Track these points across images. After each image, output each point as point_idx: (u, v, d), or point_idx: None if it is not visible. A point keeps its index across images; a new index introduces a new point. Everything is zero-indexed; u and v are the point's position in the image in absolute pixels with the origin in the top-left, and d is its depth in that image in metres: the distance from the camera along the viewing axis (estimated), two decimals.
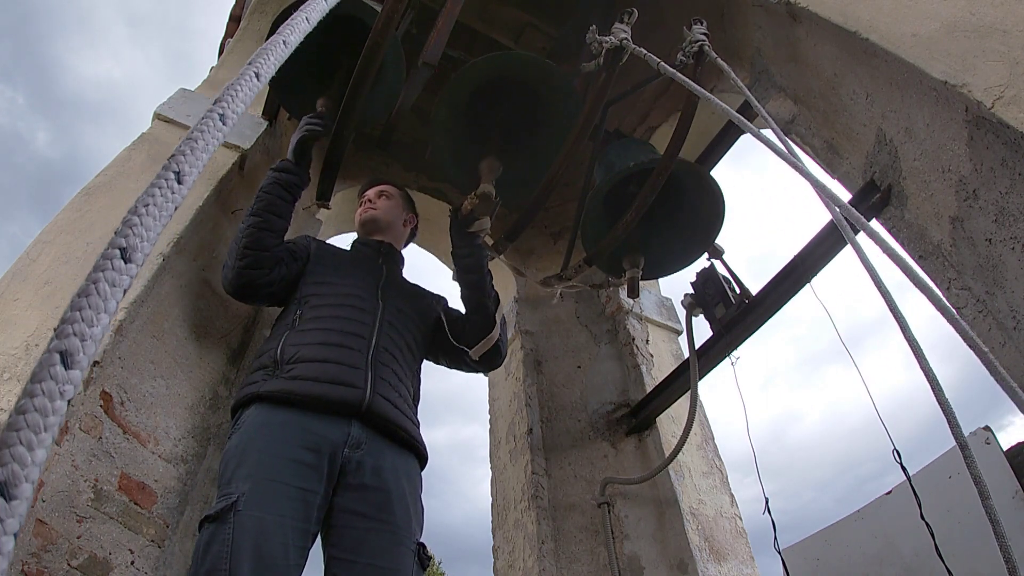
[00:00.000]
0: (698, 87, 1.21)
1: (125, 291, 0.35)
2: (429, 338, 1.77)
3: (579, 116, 1.84)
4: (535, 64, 1.98)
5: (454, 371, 1.87)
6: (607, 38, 1.57)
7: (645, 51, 1.39)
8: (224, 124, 0.47)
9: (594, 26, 1.66)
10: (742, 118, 1.07)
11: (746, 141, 2.55)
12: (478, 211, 1.75)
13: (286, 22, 0.59)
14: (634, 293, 2.05)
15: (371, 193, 1.98)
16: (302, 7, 0.63)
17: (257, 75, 0.51)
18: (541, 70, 1.97)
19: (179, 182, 0.41)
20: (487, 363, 1.79)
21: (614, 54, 1.59)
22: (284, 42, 0.55)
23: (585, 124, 1.82)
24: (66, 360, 0.31)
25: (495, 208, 1.78)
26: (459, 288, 1.80)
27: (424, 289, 1.89)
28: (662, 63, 1.29)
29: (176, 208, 0.41)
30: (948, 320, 0.76)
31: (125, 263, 0.36)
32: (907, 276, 0.76)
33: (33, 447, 0.28)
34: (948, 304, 0.78)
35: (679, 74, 1.23)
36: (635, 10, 1.63)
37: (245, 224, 1.58)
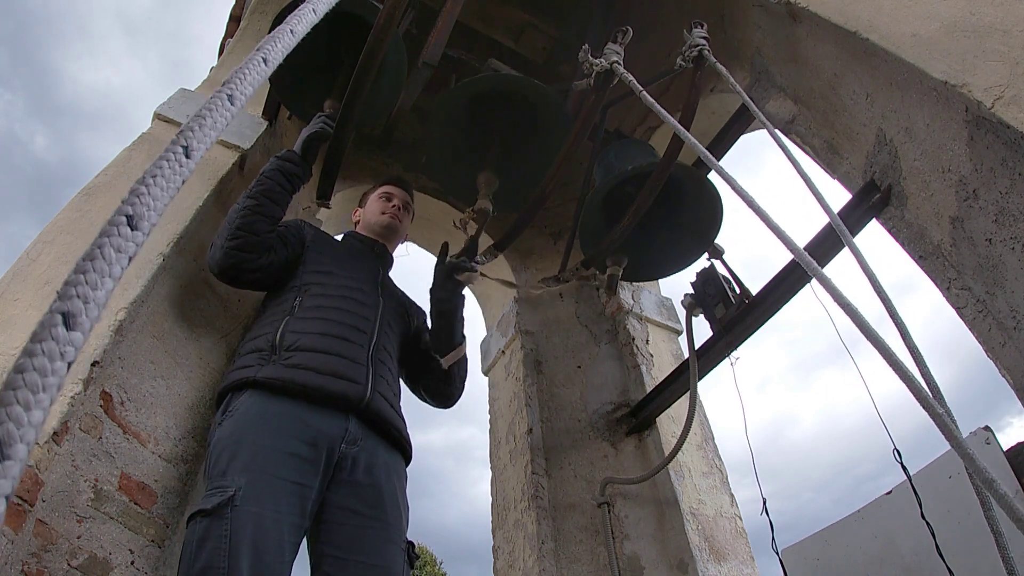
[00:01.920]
0: (666, 114, 1.22)
1: (131, 258, 0.35)
2: (407, 346, 1.76)
3: (569, 134, 1.87)
4: (525, 84, 2.00)
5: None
6: (598, 60, 1.58)
7: (632, 77, 1.41)
8: (232, 104, 0.46)
9: (586, 46, 1.67)
10: (709, 155, 1.07)
11: (742, 143, 2.55)
12: (472, 231, 1.81)
13: (294, 12, 0.59)
14: (612, 291, 2.06)
15: (400, 199, 1.93)
16: None
17: (265, 60, 0.51)
18: (532, 90, 1.99)
19: (187, 156, 0.41)
20: (437, 393, 1.79)
21: (604, 77, 1.60)
22: (292, 31, 0.56)
23: (585, 124, 1.82)
24: (68, 321, 0.30)
25: (484, 222, 1.82)
26: (430, 320, 1.80)
27: (408, 297, 1.89)
28: (643, 92, 1.31)
29: (183, 181, 0.41)
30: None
31: (131, 230, 0.35)
32: (861, 329, 0.76)
33: (31, 407, 0.27)
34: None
35: (656, 104, 1.25)
36: (629, 29, 1.63)
37: (240, 205, 1.55)
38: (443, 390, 1.79)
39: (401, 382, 1.68)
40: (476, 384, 1.96)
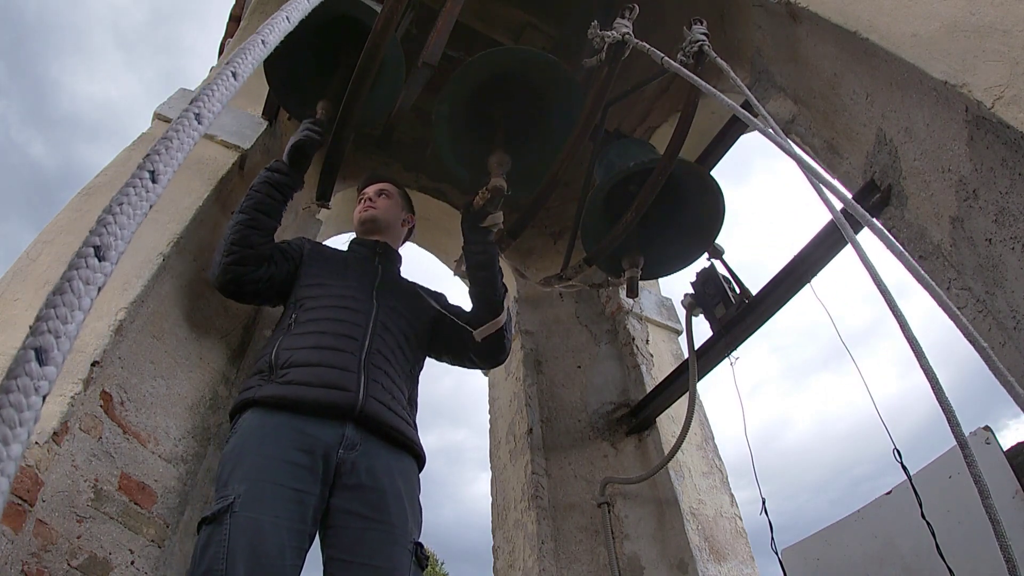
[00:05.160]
0: (700, 80, 1.20)
1: (100, 289, 0.36)
2: (427, 336, 1.76)
3: (581, 111, 1.84)
4: (538, 59, 1.98)
5: (442, 377, 1.87)
6: (609, 33, 1.57)
7: (648, 45, 1.39)
8: (200, 123, 0.46)
9: (596, 21, 1.65)
10: (746, 113, 1.07)
11: (737, 147, 2.54)
12: (489, 206, 1.75)
13: (266, 21, 0.58)
14: (633, 293, 2.05)
15: (371, 191, 1.96)
16: (283, 6, 0.62)
17: (234, 74, 0.51)
18: (544, 65, 1.96)
19: (154, 181, 0.41)
20: (489, 355, 1.78)
21: (616, 49, 1.58)
22: (263, 41, 0.55)
23: (586, 123, 1.82)
24: (41, 357, 0.31)
25: (500, 201, 1.78)
26: (468, 284, 1.80)
27: (421, 287, 1.87)
28: (665, 57, 1.29)
29: (151, 207, 0.41)
30: (950, 317, 0.76)
31: (99, 261, 0.36)
32: (911, 273, 0.76)
33: (8, 442, 0.28)
34: (949, 302, 0.77)
35: (682, 68, 1.23)
36: (636, 6, 1.63)
37: (233, 221, 1.59)
38: (498, 347, 1.76)
39: (416, 382, 1.68)
40: (472, 386, 1.95)
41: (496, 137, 1.93)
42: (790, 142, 1.15)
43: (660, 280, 3.11)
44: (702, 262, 2.23)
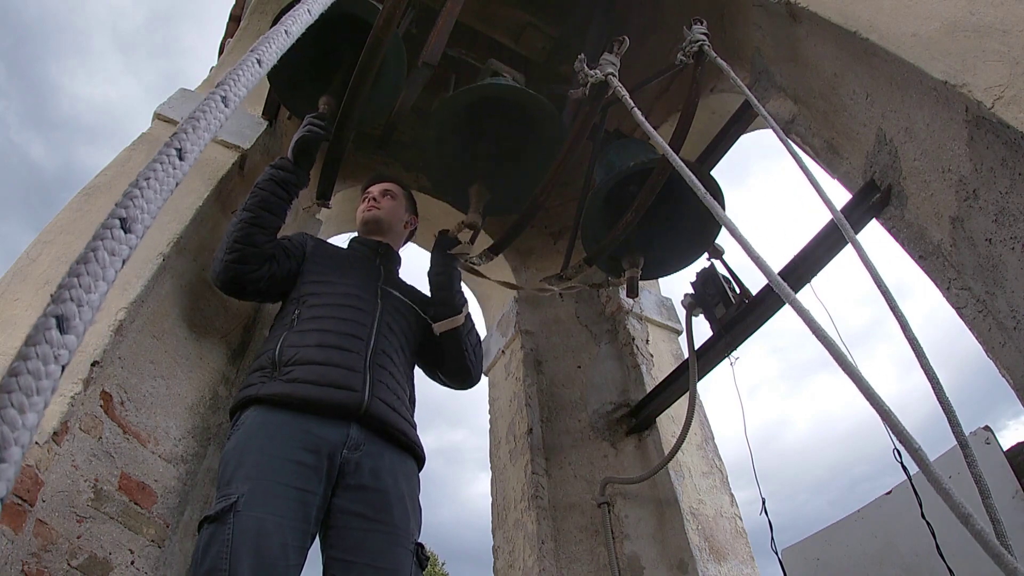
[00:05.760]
0: (660, 137, 1.22)
1: (124, 261, 0.35)
2: (420, 340, 1.77)
3: (563, 143, 1.89)
4: (521, 94, 2.01)
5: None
6: (593, 72, 1.58)
7: (625, 92, 1.40)
8: (226, 106, 0.47)
9: (582, 56, 1.67)
10: (691, 171, 1.06)
11: (729, 153, 2.55)
12: (463, 237, 1.87)
13: (288, 13, 0.59)
14: (633, 293, 2.05)
15: (375, 191, 1.95)
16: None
17: (259, 61, 0.51)
18: (528, 99, 2.01)
19: (180, 159, 0.41)
20: (456, 375, 1.80)
21: (599, 88, 1.60)
22: (286, 32, 0.56)
23: (577, 136, 1.82)
24: (62, 325, 0.30)
25: (476, 232, 1.90)
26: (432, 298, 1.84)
27: (420, 291, 1.88)
28: (634, 108, 1.30)
29: (177, 184, 0.41)
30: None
31: (125, 233, 0.36)
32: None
33: (25, 410, 0.27)
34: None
35: (644, 120, 1.25)
36: (626, 39, 1.63)
37: (237, 219, 1.57)
38: (459, 365, 1.77)
39: (414, 383, 1.68)
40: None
41: (477, 167, 1.98)
42: (792, 144, 1.15)
43: (660, 280, 3.11)
44: (702, 262, 2.23)
